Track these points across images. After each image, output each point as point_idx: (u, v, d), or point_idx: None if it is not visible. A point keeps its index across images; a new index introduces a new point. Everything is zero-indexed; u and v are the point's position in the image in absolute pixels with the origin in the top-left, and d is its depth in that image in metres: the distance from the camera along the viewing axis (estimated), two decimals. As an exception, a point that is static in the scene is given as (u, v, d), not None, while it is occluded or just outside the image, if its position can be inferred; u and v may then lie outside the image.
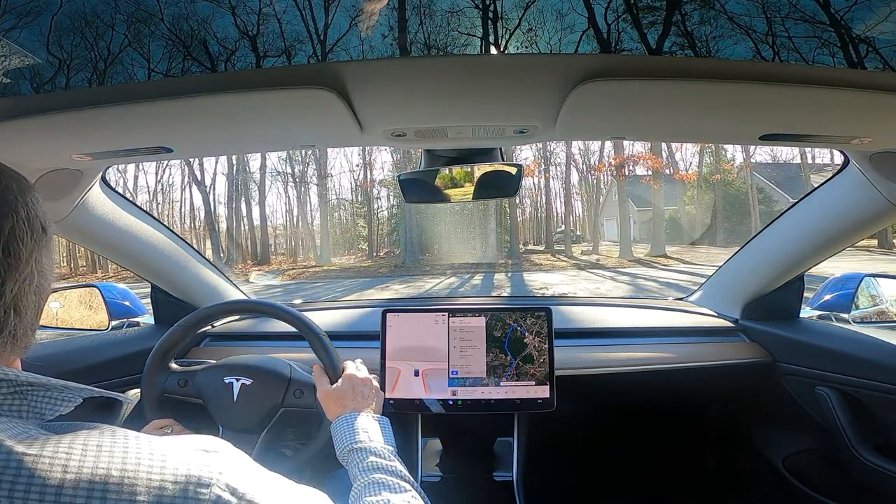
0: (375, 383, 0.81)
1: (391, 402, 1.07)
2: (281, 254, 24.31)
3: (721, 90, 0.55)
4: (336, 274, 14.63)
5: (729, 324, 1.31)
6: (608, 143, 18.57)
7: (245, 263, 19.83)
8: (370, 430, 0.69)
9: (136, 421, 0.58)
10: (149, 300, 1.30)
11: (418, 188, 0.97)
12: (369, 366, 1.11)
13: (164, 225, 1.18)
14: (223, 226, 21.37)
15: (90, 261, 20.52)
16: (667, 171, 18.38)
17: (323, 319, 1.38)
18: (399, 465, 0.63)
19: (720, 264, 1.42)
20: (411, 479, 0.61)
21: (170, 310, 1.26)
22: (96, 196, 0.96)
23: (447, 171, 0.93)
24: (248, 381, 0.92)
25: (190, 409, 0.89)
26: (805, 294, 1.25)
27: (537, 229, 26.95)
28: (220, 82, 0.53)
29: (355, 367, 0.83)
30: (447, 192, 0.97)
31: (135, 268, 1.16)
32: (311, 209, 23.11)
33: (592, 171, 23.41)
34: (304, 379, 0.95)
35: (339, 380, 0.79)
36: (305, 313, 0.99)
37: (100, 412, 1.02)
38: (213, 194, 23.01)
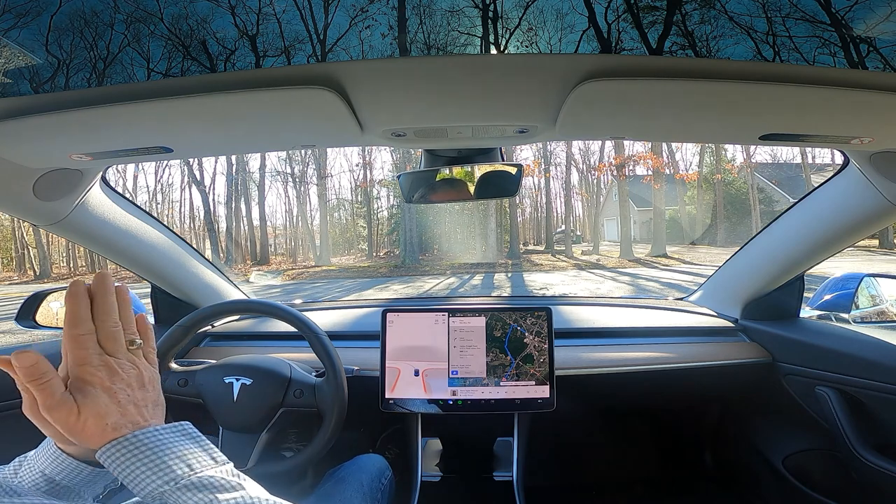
0: (150, 373, 0.47)
1: (391, 401, 1.07)
2: (280, 254, 24.35)
3: (721, 90, 0.55)
4: (335, 274, 14.62)
5: (729, 324, 1.31)
6: (608, 143, 18.59)
7: (244, 263, 19.84)
8: (179, 450, 0.41)
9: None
10: (149, 300, 1.30)
11: (418, 188, 0.97)
12: (370, 366, 1.11)
13: (164, 225, 1.18)
14: (223, 226, 21.39)
15: (89, 261, 20.52)
16: (667, 170, 18.36)
17: (323, 319, 1.38)
18: (261, 492, 0.41)
19: (721, 264, 1.42)
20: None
21: (170, 310, 1.26)
22: (96, 196, 0.96)
23: (447, 171, 0.93)
24: (248, 381, 0.92)
25: (190, 410, 0.89)
26: (805, 294, 1.25)
27: (537, 229, 26.97)
28: (219, 82, 0.53)
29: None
30: (447, 191, 0.97)
31: (135, 268, 1.16)
32: (311, 209, 23.15)
33: (593, 171, 23.46)
34: (304, 379, 0.95)
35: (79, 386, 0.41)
36: (305, 313, 0.99)
37: None
38: (213, 194, 23.02)
